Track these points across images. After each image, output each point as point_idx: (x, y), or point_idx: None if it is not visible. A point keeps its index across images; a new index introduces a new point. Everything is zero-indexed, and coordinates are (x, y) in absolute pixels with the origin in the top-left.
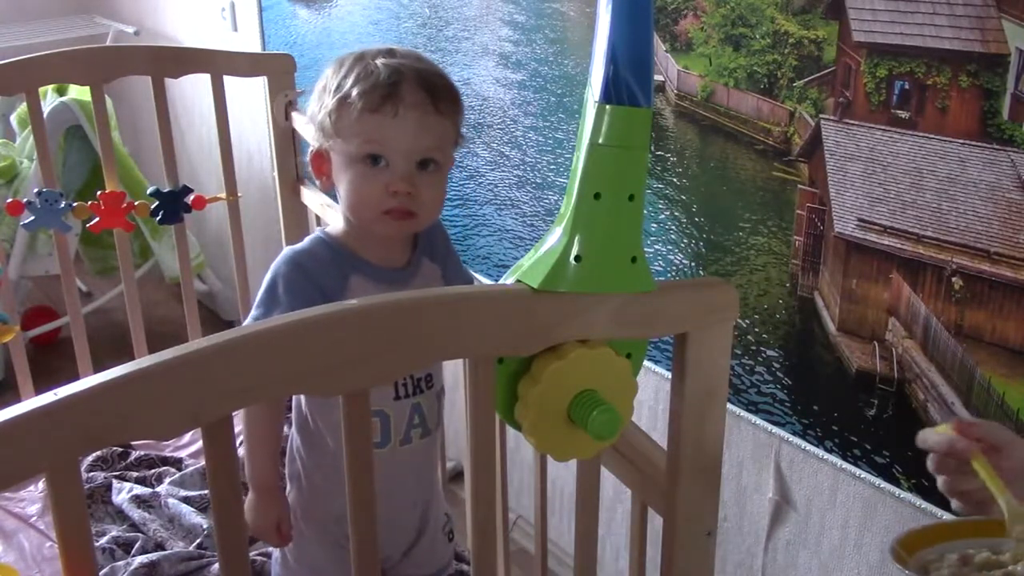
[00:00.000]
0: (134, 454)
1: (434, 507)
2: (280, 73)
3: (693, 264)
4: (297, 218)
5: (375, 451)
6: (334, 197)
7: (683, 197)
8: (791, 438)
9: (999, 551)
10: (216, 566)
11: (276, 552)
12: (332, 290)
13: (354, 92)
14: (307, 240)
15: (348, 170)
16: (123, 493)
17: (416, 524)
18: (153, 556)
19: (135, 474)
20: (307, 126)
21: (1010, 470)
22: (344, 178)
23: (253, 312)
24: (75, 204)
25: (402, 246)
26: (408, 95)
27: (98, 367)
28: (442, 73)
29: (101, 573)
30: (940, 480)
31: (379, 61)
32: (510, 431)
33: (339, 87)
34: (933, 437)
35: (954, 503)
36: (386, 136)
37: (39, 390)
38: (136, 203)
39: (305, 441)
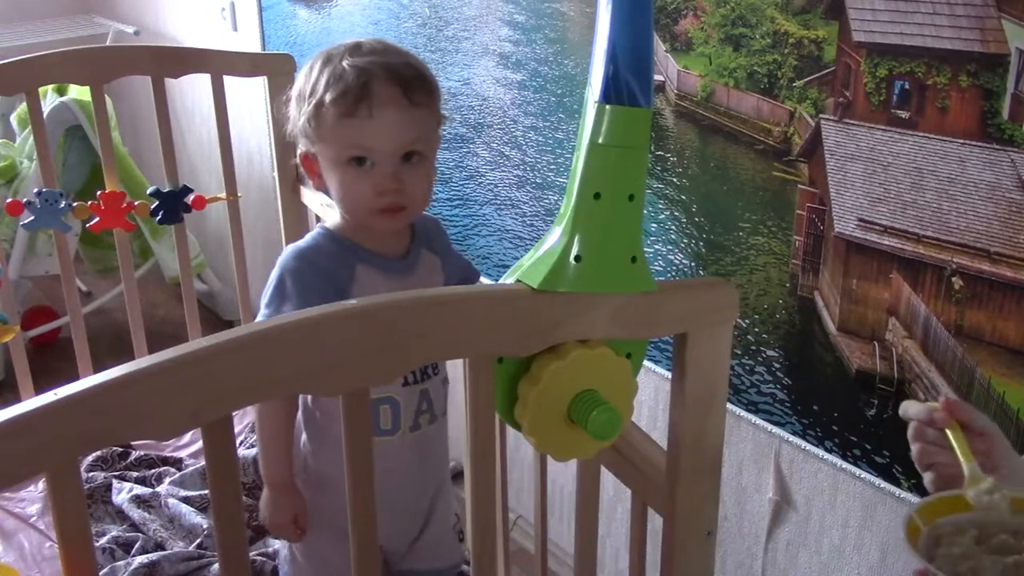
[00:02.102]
0: (134, 454)
1: (442, 498)
2: (280, 73)
3: (693, 264)
4: (297, 218)
5: (386, 438)
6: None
7: (683, 197)
8: (791, 438)
9: (1022, 534)
10: (216, 566)
11: (284, 551)
12: (340, 280)
13: (327, 98)
14: (309, 236)
15: (335, 173)
16: (123, 493)
17: (424, 512)
18: (153, 556)
19: (135, 474)
20: (292, 127)
21: (987, 463)
22: (333, 180)
23: (263, 311)
24: (75, 204)
25: (399, 236)
26: (380, 93)
27: (98, 367)
28: (411, 62)
29: (101, 573)
30: (914, 449)
31: (346, 63)
32: (510, 431)
33: (312, 92)
34: (915, 408)
35: (926, 477)
36: (365, 139)
37: (39, 390)
38: (136, 203)
39: (312, 435)
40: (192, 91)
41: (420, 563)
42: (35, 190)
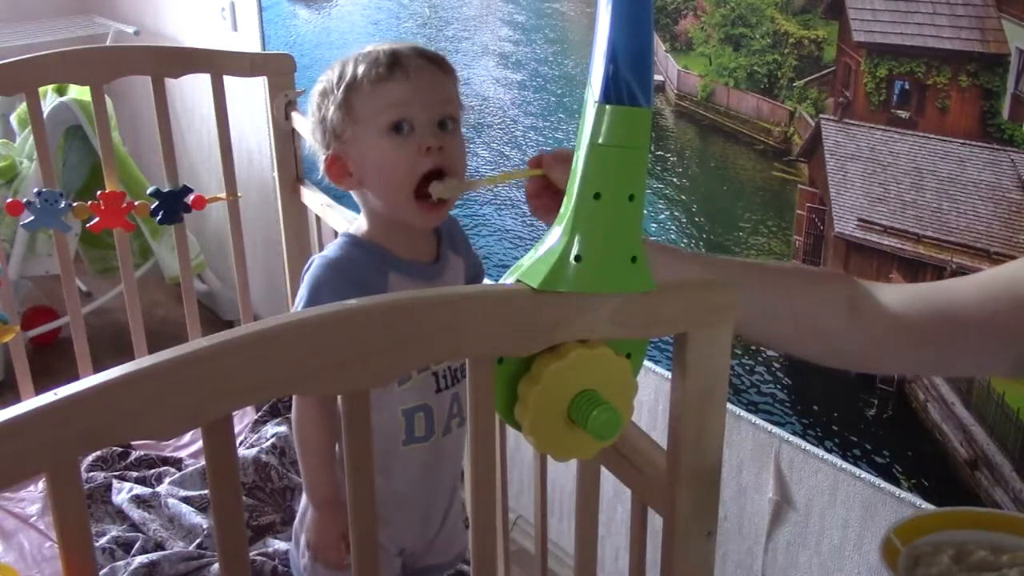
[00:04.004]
0: (134, 454)
1: (457, 494)
2: (280, 73)
3: None
4: (297, 218)
5: (420, 445)
6: (335, 197)
7: (683, 197)
8: (791, 438)
9: (1001, 550)
10: (216, 566)
11: (304, 560)
12: (375, 291)
13: (360, 71)
14: (337, 246)
15: (374, 150)
16: (123, 493)
17: (444, 509)
18: (153, 556)
19: (135, 474)
20: (311, 135)
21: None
22: (372, 160)
23: None
24: (75, 204)
25: (428, 240)
26: (411, 61)
27: (98, 367)
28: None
29: (101, 573)
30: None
31: (368, 48)
32: (510, 431)
33: (341, 78)
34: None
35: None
36: (405, 98)
37: (39, 390)
38: (136, 203)
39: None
40: (192, 91)
41: (435, 558)
42: (35, 190)
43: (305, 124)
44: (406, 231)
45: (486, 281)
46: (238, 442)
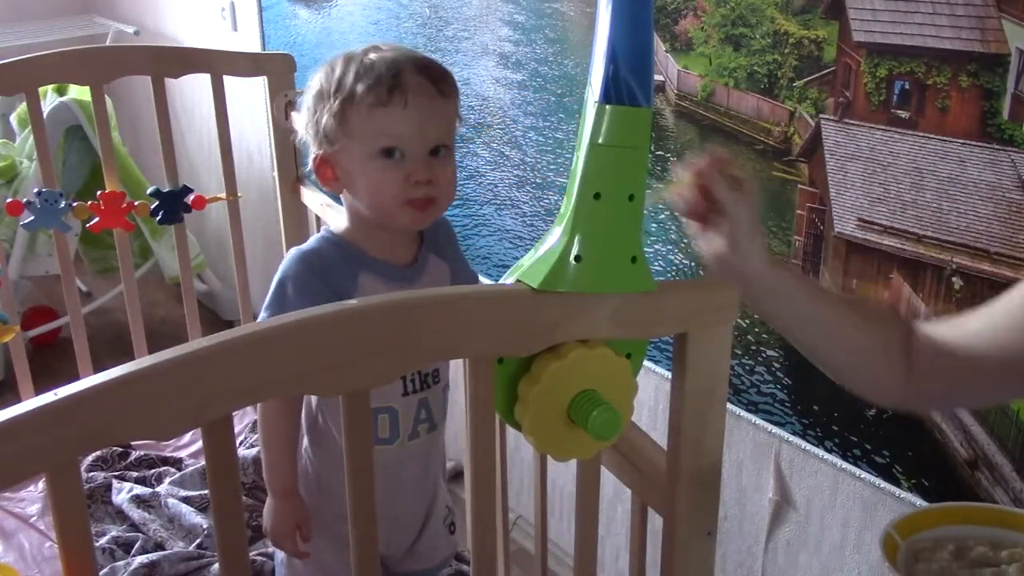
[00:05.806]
0: (134, 454)
1: (438, 500)
2: (280, 73)
3: (693, 264)
4: (297, 218)
5: (384, 447)
6: (336, 198)
7: None
8: (791, 438)
9: (1000, 545)
10: (216, 566)
11: (281, 555)
12: (342, 289)
13: (359, 89)
14: (313, 240)
15: (364, 167)
16: (123, 493)
17: (421, 517)
18: (153, 556)
19: (135, 474)
20: (303, 128)
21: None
22: (360, 176)
23: (262, 315)
24: (75, 204)
25: (407, 243)
26: (412, 83)
27: (98, 367)
28: (432, 58)
29: (101, 573)
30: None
31: (372, 56)
32: (510, 431)
33: (340, 87)
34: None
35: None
36: (400, 129)
37: (39, 390)
38: (136, 203)
39: (313, 440)
40: (192, 91)
41: (418, 563)
42: (35, 190)
43: (299, 117)
44: (387, 232)
45: (486, 281)
46: (238, 442)
